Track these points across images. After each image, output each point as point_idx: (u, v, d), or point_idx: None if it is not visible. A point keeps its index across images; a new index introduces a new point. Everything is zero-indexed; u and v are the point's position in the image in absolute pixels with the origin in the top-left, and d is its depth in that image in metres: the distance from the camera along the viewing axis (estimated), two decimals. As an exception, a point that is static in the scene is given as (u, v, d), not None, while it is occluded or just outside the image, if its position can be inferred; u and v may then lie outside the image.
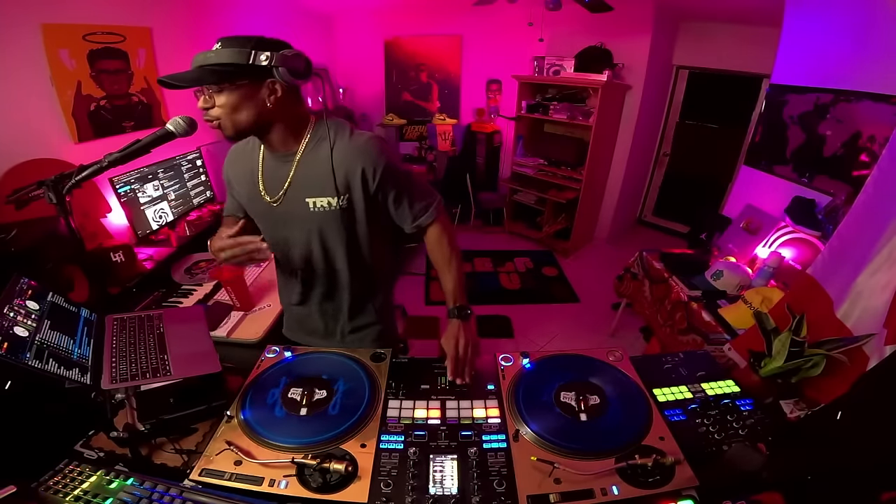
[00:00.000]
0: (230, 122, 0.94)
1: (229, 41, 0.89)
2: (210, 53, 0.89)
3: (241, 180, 1.15)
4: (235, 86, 0.91)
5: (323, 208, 1.06)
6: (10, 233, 1.44)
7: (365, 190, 1.06)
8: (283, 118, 1.00)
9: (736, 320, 1.78)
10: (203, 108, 0.94)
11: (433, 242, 1.17)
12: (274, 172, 1.08)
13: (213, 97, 0.92)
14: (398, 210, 1.13)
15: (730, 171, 3.85)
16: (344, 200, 1.06)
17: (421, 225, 1.15)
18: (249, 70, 0.90)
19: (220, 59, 0.88)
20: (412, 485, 0.79)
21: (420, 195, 1.14)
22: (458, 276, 1.16)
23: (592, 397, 0.97)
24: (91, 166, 0.90)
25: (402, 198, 1.11)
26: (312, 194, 1.05)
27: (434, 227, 1.17)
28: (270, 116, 0.98)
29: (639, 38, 3.58)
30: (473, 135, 4.52)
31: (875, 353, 0.98)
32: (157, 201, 2.14)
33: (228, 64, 0.88)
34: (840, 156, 2.15)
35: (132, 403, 0.94)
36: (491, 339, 3.00)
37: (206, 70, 0.89)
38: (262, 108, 0.96)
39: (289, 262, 1.21)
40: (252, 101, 0.94)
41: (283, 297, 1.36)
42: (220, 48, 0.89)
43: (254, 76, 0.92)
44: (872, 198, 1.19)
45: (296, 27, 3.83)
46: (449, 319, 1.13)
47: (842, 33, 2.13)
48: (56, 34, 1.82)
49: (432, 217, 1.15)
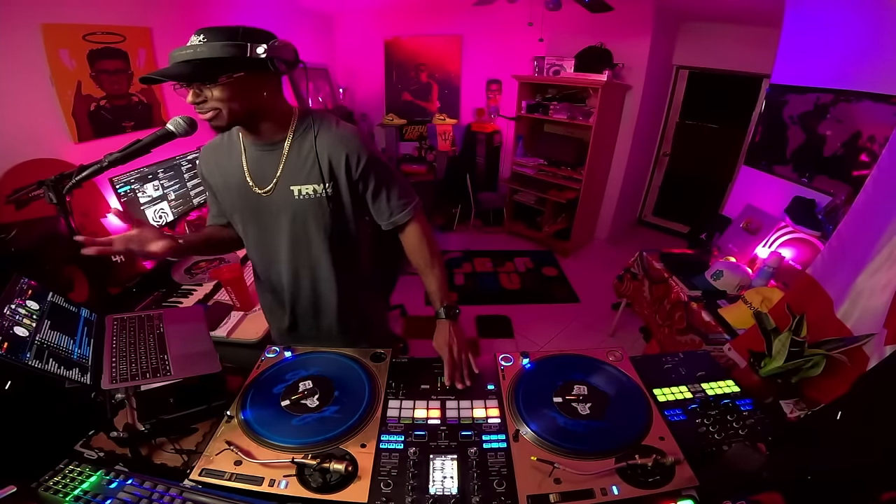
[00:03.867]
0: (227, 114, 0.94)
1: (213, 33, 0.88)
2: (199, 47, 0.86)
3: (224, 175, 1.13)
4: (233, 79, 0.90)
5: (308, 195, 1.07)
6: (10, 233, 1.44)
7: (349, 177, 1.06)
8: (273, 108, 1.01)
9: (736, 320, 1.78)
10: (192, 102, 0.92)
11: (413, 244, 1.17)
12: (260, 163, 1.07)
13: (208, 90, 0.90)
14: (376, 203, 1.13)
15: (730, 171, 3.85)
16: (329, 188, 1.06)
17: (397, 222, 1.15)
18: (246, 62, 0.90)
19: (214, 53, 0.87)
20: (412, 485, 0.79)
21: (400, 193, 1.14)
22: (442, 276, 1.16)
23: (592, 397, 0.97)
24: (91, 166, 0.90)
25: (380, 191, 1.11)
26: (298, 182, 1.06)
27: (412, 228, 1.16)
28: (263, 106, 0.99)
29: (639, 38, 3.58)
30: (473, 135, 4.52)
31: (875, 353, 0.98)
32: (157, 201, 2.14)
33: (224, 57, 0.88)
34: (840, 156, 2.15)
35: (132, 403, 0.94)
36: (491, 339, 3.00)
37: (199, 64, 0.87)
38: (257, 99, 0.97)
39: (273, 258, 1.19)
40: (247, 92, 0.94)
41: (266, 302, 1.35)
42: (207, 41, 0.87)
43: (250, 68, 0.92)
44: (872, 198, 1.18)
45: (296, 27, 3.82)
46: (437, 321, 1.13)
47: (842, 33, 2.14)
48: (56, 34, 1.82)
49: (409, 216, 1.15)
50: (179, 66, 0.87)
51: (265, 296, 1.34)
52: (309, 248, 1.15)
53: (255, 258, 1.25)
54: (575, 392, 0.99)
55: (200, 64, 0.87)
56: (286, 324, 1.31)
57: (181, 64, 0.87)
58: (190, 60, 0.87)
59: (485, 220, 4.75)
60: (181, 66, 0.87)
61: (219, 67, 0.89)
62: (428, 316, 3.15)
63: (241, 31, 0.90)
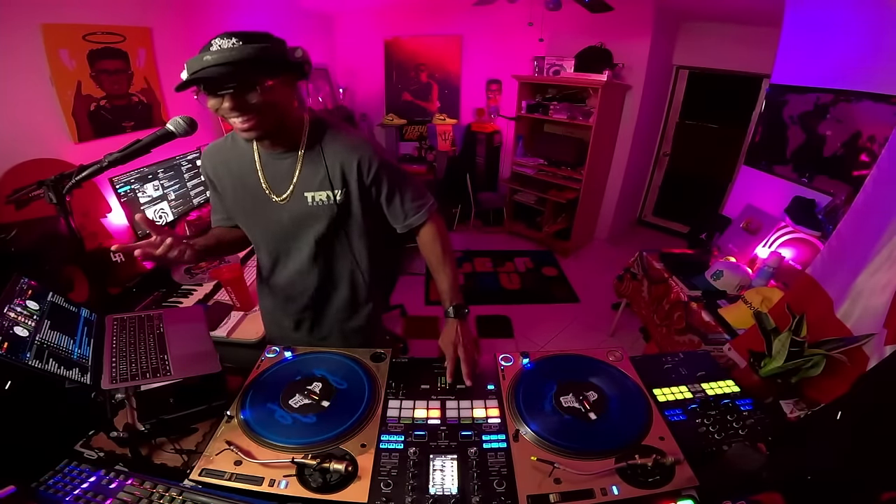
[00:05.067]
0: (266, 121, 0.90)
1: (244, 36, 0.84)
2: (242, 48, 0.82)
3: (235, 178, 1.11)
4: (275, 82, 0.88)
5: (321, 202, 1.07)
6: (10, 233, 1.45)
7: (360, 183, 1.07)
8: (292, 115, 1.01)
9: (736, 320, 1.78)
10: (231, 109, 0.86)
11: (427, 244, 1.18)
12: (276, 170, 1.07)
13: (251, 95, 0.86)
14: (390, 207, 1.13)
15: (730, 171, 3.85)
16: (341, 194, 1.07)
17: (412, 225, 1.15)
18: (285, 65, 0.88)
19: (261, 54, 0.83)
20: (412, 485, 0.79)
21: (414, 195, 1.14)
22: (453, 275, 1.16)
23: (592, 397, 0.97)
24: (91, 166, 0.90)
25: (394, 195, 1.12)
26: (311, 189, 1.06)
27: (427, 228, 1.17)
28: (289, 113, 0.98)
29: (639, 38, 3.58)
30: (473, 135, 4.52)
31: (875, 353, 0.98)
32: (157, 201, 2.14)
33: (267, 59, 0.84)
34: (840, 156, 2.15)
35: (132, 403, 0.94)
36: (491, 339, 3.00)
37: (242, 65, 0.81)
38: (289, 105, 0.96)
39: (284, 262, 1.20)
40: (282, 97, 0.93)
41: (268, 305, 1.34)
42: (242, 43, 0.83)
43: (287, 71, 0.91)
44: (872, 197, 1.18)
45: (296, 27, 3.82)
46: (446, 319, 1.13)
47: (842, 33, 2.14)
48: (56, 34, 1.82)
49: (424, 218, 1.15)
50: (218, 68, 0.81)
51: (268, 298, 1.33)
52: (320, 254, 1.16)
53: (265, 261, 1.25)
54: (575, 392, 0.98)
55: (244, 64, 0.83)
56: (289, 327, 1.31)
57: (222, 66, 0.81)
58: (232, 62, 0.81)
59: (485, 220, 4.75)
60: (221, 67, 0.81)
61: (264, 69, 0.86)
62: (428, 316, 3.19)
63: (269, 36, 0.88)
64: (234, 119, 0.89)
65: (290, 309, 1.28)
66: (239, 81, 0.84)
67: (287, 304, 1.27)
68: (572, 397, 0.97)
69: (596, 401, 0.96)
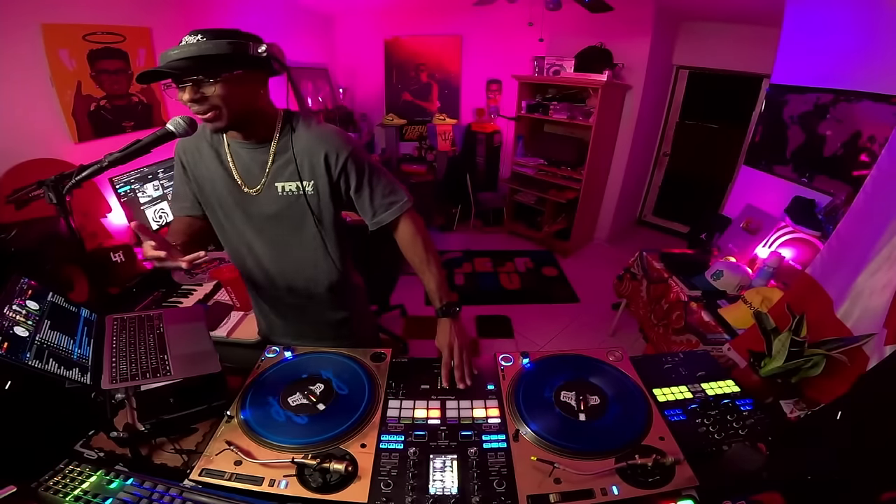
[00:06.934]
0: (227, 113, 0.94)
1: (210, 32, 0.89)
2: (202, 43, 0.87)
3: (209, 172, 1.11)
4: (234, 76, 0.91)
5: (291, 192, 1.07)
6: (10, 233, 1.45)
7: (329, 176, 1.06)
8: (263, 108, 1.03)
9: (736, 320, 1.78)
10: (191, 101, 0.91)
11: (407, 244, 1.16)
12: (248, 162, 1.07)
13: (208, 87, 0.90)
14: (359, 202, 1.12)
15: (730, 171, 3.86)
16: (311, 186, 1.07)
17: (381, 222, 1.12)
18: (248, 60, 0.91)
19: (219, 49, 0.87)
20: (412, 485, 0.79)
21: (385, 192, 1.12)
22: (439, 274, 1.15)
23: (592, 397, 0.97)
24: (91, 166, 0.90)
25: (363, 189, 1.10)
26: (281, 179, 1.07)
27: (403, 228, 1.15)
28: (257, 106, 1.00)
29: (639, 38, 3.58)
30: (473, 135, 4.52)
31: (875, 353, 0.98)
32: (157, 201, 2.14)
33: (227, 54, 0.88)
34: (840, 156, 2.15)
35: (132, 403, 0.94)
36: (491, 339, 2.99)
37: (201, 60, 0.87)
38: (254, 98, 0.98)
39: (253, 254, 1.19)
40: (246, 90, 0.95)
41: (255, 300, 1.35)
42: (206, 40, 0.87)
43: (250, 66, 0.93)
44: (872, 197, 1.18)
45: (296, 27, 3.82)
46: (439, 319, 1.13)
47: (842, 33, 2.14)
48: (56, 34, 1.82)
49: (395, 215, 1.12)
50: (180, 62, 0.86)
51: (252, 291, 1.34)
52: (292, 246, 1.15)
53: (232, 254, 1.24)
54: (575, 392, 0.99)
55: (202, 60, 0.87)
56: (275, 319, 1.32)
57: (182, 60, 0.86)
58: (191, 57, 0.86)
59: (485, 220, 4.75)
60: (182, 62, 0.86)
61: (221, 64, 0.89)
62: (428, 316, 3.19)
63: (236, 32, 0.91)
64: (195, 109, 0.93)
65: (271, 301, 1.28)
66: (197, 75, 0.88)
67: (268, 295, 1.27)
68: (572, 397, 0.97)
69: (596, 401, 0.96)
